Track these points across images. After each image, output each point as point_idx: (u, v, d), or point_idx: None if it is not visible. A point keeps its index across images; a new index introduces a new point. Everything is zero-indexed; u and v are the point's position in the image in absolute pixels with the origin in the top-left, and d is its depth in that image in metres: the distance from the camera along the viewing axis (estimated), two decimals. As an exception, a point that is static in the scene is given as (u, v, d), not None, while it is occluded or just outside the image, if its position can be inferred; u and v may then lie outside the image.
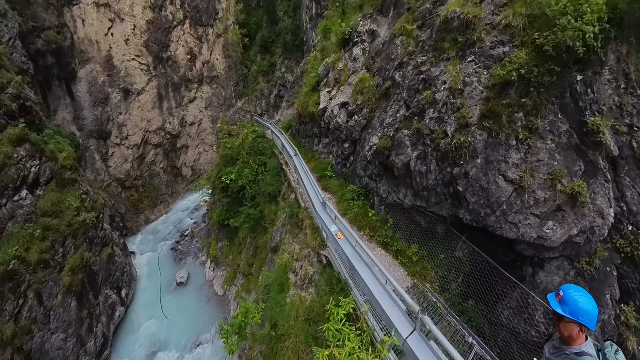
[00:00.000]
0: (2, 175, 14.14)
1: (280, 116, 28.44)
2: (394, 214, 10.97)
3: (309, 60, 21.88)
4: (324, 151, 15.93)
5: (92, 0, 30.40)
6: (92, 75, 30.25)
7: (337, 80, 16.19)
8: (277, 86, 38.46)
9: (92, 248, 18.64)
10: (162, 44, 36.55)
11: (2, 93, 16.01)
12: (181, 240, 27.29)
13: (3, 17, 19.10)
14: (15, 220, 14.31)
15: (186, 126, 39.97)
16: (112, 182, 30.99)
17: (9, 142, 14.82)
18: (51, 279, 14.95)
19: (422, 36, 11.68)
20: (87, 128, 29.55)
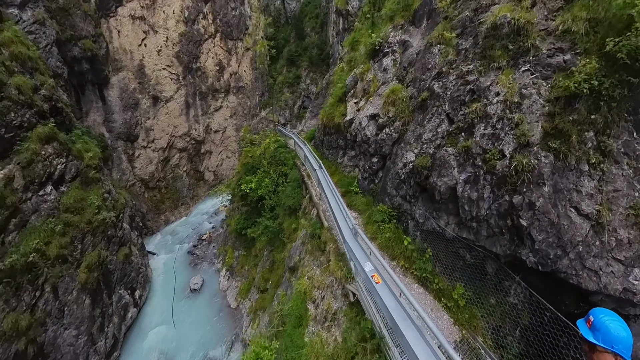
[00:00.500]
0: (29, 170, 13.84)
1: (304, 126, 27.13)
2: (433, 243, 9.12)
3: (336, 72, 20.53)
4: (349, 164, 14.29)
5: (129, 13, 30.68)
6: (124, 82, 30.25)
7: (365, 92, 14.61)
8: (301, 97, 37.45)
9: (110, 247, 17.95)
10: (192, 55, 36.42)
11: (35, 94, 15.77)
12: (198, 244, 26.16)
13: (42, 25, 19.26)
14: (39, 214, 13.94)
15: (211, 133, 39.46)
16: (137, 182, 30.71)
17: (38, 140, 14.56)
18: (68, 275, 14.44)
19: (463, 44, 9.90)
20: (116, 130, 29.48)
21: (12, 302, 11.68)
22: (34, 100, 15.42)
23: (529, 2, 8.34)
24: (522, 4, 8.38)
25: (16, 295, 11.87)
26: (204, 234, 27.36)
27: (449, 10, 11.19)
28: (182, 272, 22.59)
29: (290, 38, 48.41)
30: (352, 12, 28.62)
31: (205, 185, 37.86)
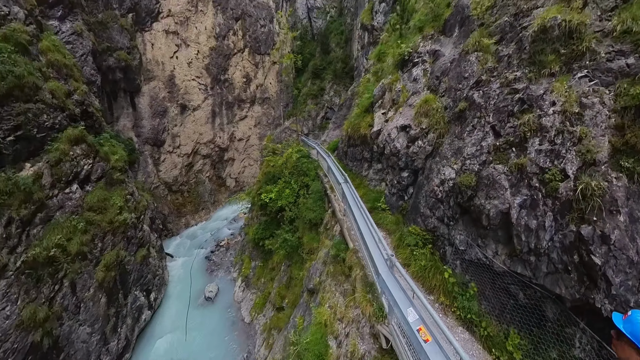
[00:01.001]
0: (57, 169, 14.01)
1: (326, 137, 26.22)
2: (476, 275, 7.68)
3: (361, 83, 19.59)
4: (375, 178, 13.07)
5: (163, 28, 31.55)
6: (155, 91, 30.81)
7: (394, 102, 13.48)
8: (324, 109, 36.83)
9: (129, 247, 17.72)
10: (221, 67, 36.88)
11: (68, 99, 16.17)
12: (216, 250, 25.37)
13: (79, 36, 20.05)
14: (63, 211, 13.99)
15: (235, 141, 39.44)
16: (161, 185, 30.87)
17: (68, 141, 14.77)
18: (86, 272, 14.32)
19: (504, 51, 8.73)
20: (144, 135, 29.92)
21: (32, 293, 11.68)
22: (67, 104, 15.83)
23: (580, 3, 7.28)
24: (572, 5, 7.36)
25: (36, 287, 11.87)
26: (222, 240, 26.67)
27: (485, 17, 10.22)
28: (198, 278, 21.83)
29: (316, 53, 48.57)
30: (377, 27, 28.03)
31: (227, 191, 37.59)
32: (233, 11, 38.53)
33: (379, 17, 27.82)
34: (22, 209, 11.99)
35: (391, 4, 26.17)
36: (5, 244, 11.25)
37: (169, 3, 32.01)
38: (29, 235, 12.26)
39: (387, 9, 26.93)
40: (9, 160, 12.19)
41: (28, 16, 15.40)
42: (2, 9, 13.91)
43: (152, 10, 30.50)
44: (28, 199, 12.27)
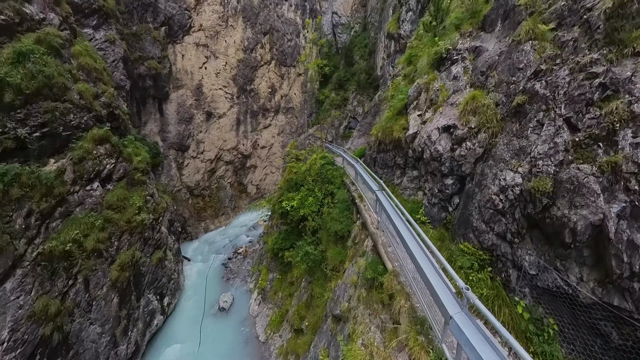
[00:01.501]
0: (80, 166, 13.91)
1: (351, 144, 24.68)
2: (552, 307, 5.74)
3: (391, 87, 18.01)
4: (410, 186, 11.25)
5: (194, 41, 31.78)
6: (182, 99, 30.77)
7: (432, 102, 11.77)
8: (347, 118, 35.54)
9: (145, 249, 16.91)
10: (247, 78, 36.77)
11: (95, 100, 16.00)
12: (234, 257, 23.92)
13: (111, 44, 20.43)
14: (83, 207, 13.79)
15: (258, 149, 38.75)
16: (183, 189, 30.39)
17: (92, 140, 14.64)
18: (101, 270, 13.81)
19: (566, 36, 7.35)
20: (170, 140, 29.76)
21: (46, 285, 11.43)
22: (94, 105, 15.63)
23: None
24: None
25: (51, 280, 11.63)
26: (240, 247, 25.26)
27: (537, 4, 8.89)
28: (213, 285, 20.46)
29: (340, 65, 48.28)
30: (403, 35, 26.96)
31: (247, 197, 36.67)
32: (262, 26, 38.77)
33: (406, 25, 26.74)
34: (43, 202, 11.86)
35: (418, 12, 25.28)
36: (24, 234, 11.07)
37: (201, 18, 32.46)
38: (47, 228, 12.07)
39: (414, 17, 25.96)
40: (34, 155, 12.15)
41: (63, 22, 15.52)
42: (39, 15, 13.99)
43: (185, 24, 30.97)
44: (49, 193, 12.12)
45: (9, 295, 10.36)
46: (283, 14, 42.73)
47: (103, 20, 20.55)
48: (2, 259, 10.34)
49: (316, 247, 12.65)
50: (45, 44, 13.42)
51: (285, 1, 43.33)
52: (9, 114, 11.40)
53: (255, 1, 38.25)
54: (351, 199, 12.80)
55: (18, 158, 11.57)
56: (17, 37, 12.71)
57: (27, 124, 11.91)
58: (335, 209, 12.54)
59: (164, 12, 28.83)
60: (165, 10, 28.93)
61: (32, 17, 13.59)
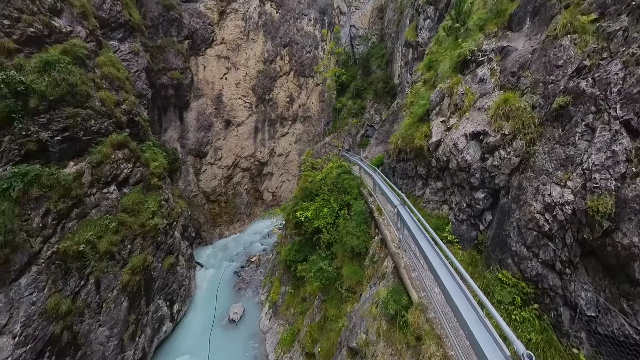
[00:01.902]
0: (98, 170, 14.11)
1: (368, 153, 23.58)
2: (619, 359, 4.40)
3: (410, 93, 16.95)
4: (434, 199, 10.05)
5: (216, 54, 32.14)
6: (202, 107, 30.96)
7: (457, 107, 10.62)
8: (364, 126, 34.54)
9: (157, 253, 16.58)
10: (266, 88, 36.83)
11: (116, 107, 16.30)
12: (246, 265, 23.07)
13: (135, 55, 21.01)
14: (99, 210, 13.87)
15: (274, 156, 38.37)
16: (199, 194, 30.24)
17: (111, 145, 14.91)
18: (112, 272, 13.69)
19: (612, 26, 6.32)
20: (188, 147, 29.87)
21: (59, 284, 11.49)
22: (114, 112, 15.93)
23: None
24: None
25: (64, 279, 11.69)
26: (254, 255, 24.43)
27: None
28: (224, 295, 19.68)
29: (357, 75, 48.00)
30: (421, 43, 26.13)
31: (263, 204, 36.15)
32: (281, 39, 39.06)
33: (424, 33, 25.93)
34: (60, 202, 12.01)
35: (436, 20, 24.48)
36: (40, 232, 11.20)
37: (223, 32, 32.95)
38: (63, 228, 12.17)
39: (431, 24, 25.17)
40: (54, 158, 12.42)
41: (89, 35, 16.00)
42: (67, 27, 14.53)
43: (208, 38, 31.51)
44: (67, 194, 12.29)
45: (23, 290, 10.46)
46: (302, 27, 42.99)
47: (128, 34, 21.08)
48: (19, 255, 10.50)
49: (331, 263, 11.50)
50: (71, 54, 13.86)
51: (305, 16, 43.70)
52: (33, 118, 11.72)
53: (276, 16, 38.69)
54: (369, 212, 11.68)
55: (39, 160, 11.82)
56: (45, 47, 13.14)
57: (49, 128, 12.24)
58: (352, 222, 11.43)
59: (188, 27, 29.44)
60: (189, 25, 29.56)
61: (60, 30, 14.08)
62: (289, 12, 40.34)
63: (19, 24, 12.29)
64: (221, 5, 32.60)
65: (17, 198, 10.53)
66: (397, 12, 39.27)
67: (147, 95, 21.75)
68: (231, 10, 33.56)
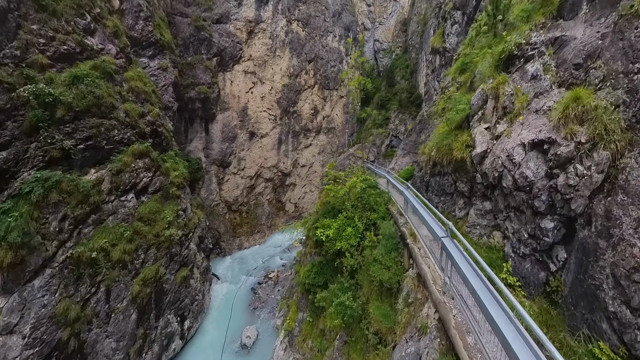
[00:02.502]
0: (117, 178, 14.02)
1: (395, 164, 21.50)
2: None
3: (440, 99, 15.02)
4: (481, 223, 7.97)
5: (243, 69, 32.24)
6: (228, 119, 30.83)
7: (505, 110, 8.63)
8: (389, 137, 32.56)
9: (170, 265, 15.83)
10: (291, 101, 36.35)
11: (140, 119, 16.25)
12: (264, 282, 21.53)
13: (164, 71, 21.32)
14: (116, 217, 13.67)
15: (298, 167, 37.25)
16: (221, 203, 29.63)
17: (132, 154, 14.90)
18: (123, 282, 13.19)
19: None
20: (212, 157, 29.58)
21: (70, 289, 11.27)
22: (138, 123, 16.00)
23: None
24: None
25: (75, 284, 11.47)
26: (272, 271, 22.85)
27: None
28: (239, 314, 18.18)
29: (381, 86, 46.73)
30: (449, 48, 24.27)
31: (285, 215, 34.88)
32: (307, 55, 38.83)
33: (451, 38, 24.05)
34: (78, 208, 11.97)
35: (464, 24, 22.64)
36: (56, 236, 11.13)
37: (251, 50, 33.17)
38: (80, 233, 12.08)
39: (459, 29, 23.36)
40: (77, 165, 12.55)
41: (119, 52, 16.27)
42: (98, 45, 14.97)
43: (236, 55, 31.78)
44: (85, 201, 12.25)
45: (36, 292, 10.29)
46: (327, 43, 42.65)
47: (158, 51, 21.52)
48: (34, 257, 10.39)
49: (354, 296, 9.45)
50: (100, 69, 14.13)
51: (330, 32, 43.50)
52: (59, 127, 11.92)
53: (302, 34, 38.63)
54: (400, 236, 9.68)
55: (63, 166, 11.96)
56: (76, 63, 13.44)
57: (73, 136, 12.38)
58: (380, 248, 9.44)
59: (217, 45, 29.88)
60: (218, 44, 30.00)
61: (92, 47, 14.44)
62: (314, 29, 40.15)
63: (54, 42, 12.59)
64: (250, 26, 32.94)
65: (37, 202, 10.57)
66: (421, 24, 38.16)
67: (173, 107, 21.84)
68: (259, 30, 33.80)
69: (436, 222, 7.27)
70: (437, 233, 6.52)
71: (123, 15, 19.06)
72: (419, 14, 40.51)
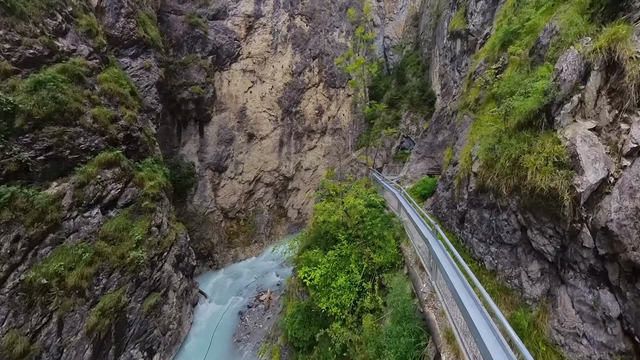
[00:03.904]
0: (80, 191, 11.76)
1: (407, 172, 16.52)
2: None
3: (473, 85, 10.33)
4: (594, 335, 3.54)
5: (241, 68, 28.28)
6: (224, 121, 26.93)
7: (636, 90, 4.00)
8: (400, 138, 27.80)
9: (136, 291, 12.61)
10: (293, 100, 32.05)
11: (111, 124, 13.55)
12: (254, 305, 17.48)
13: (147, 70, 18.18)
14: (77, 235, 11.37)
15: (301, 171, 32.92)
16: (216, 210, 25.77)
17: (98, 164, 12.52)
18: (79, 311, 10.71)
19: None
20: (207, 160, 25.76)
21: (20, 318, 9.41)
22: (109, 128, 13.29)
23: None
24: None
25: (26, 313, 9.61)
26: (265, 291, 18.72)
27: None
28: (220, 346, 14.30)
29: (391, 85, 41.90)
30: (472, 31, 19.33)
31: (287, 222, 30.71)
32: (311, 51, 34.37)
33: (476, 18, 19.00)
34: (33, 227, 10.19)
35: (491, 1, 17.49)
36: (8, 259, 9.46)
37: (250, 47, 29.14)
38: (35, 255, 10.23)
39: (486, 6, 18.23)
40: (37, 178, 10.84)
41: (93, 52, 13.89)
42: (70, 47, 13.01)
43: (233, 53, 27.85)
44: (41, 218, 10.42)
45: None
46: (334, 39, 38.00)
47: (142, 50, 18.19)
48: None
49: None
50: (69, 72, 12.23)
51: (337, 28, 38.81)
52: (17, 138, 10.35)
53: (306, 29, 34.19)
54: (422, 317, 5.14)
55: (22, 180, 10.30)
56: (44, 67, 11.63)
57: (32, 147, 10.68)
58: (389, 322, 5.03)
59: (213, 43, 26.04)
60: (214, 41, 26.16)
61: (63, 50, 12.53)
62: (319, 24, 35.61)
63: (20, 47, 10.94)
64: (249, 21, 28.89)
65: (-14, 222, 8.57)
66: (434, 16, 33.61)
67: (157, 109, 18.36)
68: (259, 25, 29.70)
69: (484, 316, 2.84)
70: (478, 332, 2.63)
71: (103, 13, 16.23)
72: (432, 6, 35.68)
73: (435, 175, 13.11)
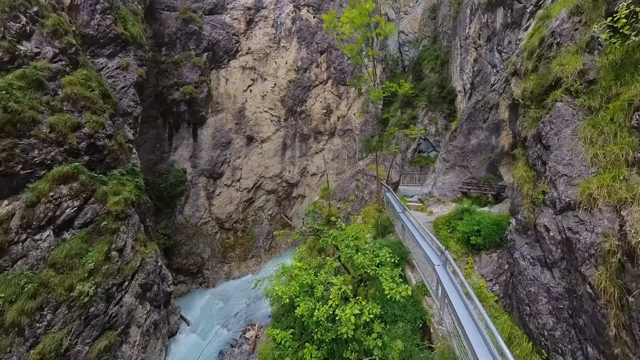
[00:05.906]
0: (29, 211, 10.28)
1: (433, 187, 12.14)
2: None
3: (557, 60, 6.54)
4: None
5: (240, 65, 25.78)
6: (221, 123, 24.51)
7: None
8: (416, 139, 24.06)
9: (84, 331, 10.21)
10: (298, 99, 29.01)
11: (72, 132, 11.79)
12: (237, 345, 14.45)
13: (124, 70, 16.02)
14: (25, 262, 9.93)
15: (307, 176, 29.94)
16: (211, 221, 23.32)
17: (52, 179, 10.88)
18: (17, 354, 9.01)
19: None
20: (200, 167, 23.49)
21: None
22: (68, 138, 11.72)
23: None
24: None
25: None
26: (253, 325, 15.58)
27: None
28: None
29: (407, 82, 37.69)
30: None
31: (291, 232, 27.80)
32: (318, 45, 31.15)
33: None
34: None
35: None
36: None
37: (250, 42, 26.46)
38: None
39: None
40: None
41: (59, 54, 12.54)
42: (33, 50, 11.87)
43: (231, 49, 25.33)
44: None
45: None
46: (344, 32, 34.38)
47: (120, 49, 16.14)
48: None
49: None
50: (27, 78, 11.09)
51: (347, 21, 35.10)
52: None
53: (312, 21, 30.96)
54: None
55: None
56: (2, 75, 10.59)
57: None
58: None
59: (208, 39, 23.65)
60: (209, 37, 23.76)
61: (26, 54, 11.53)
62: (328, 17, 32.25)
63: None
64: (249, 14, 26.15)
65: None
66: (454, 4, 30.26)
67: (134, 113, 16.06)
68: (260, 18, 26.89)
69: None
70: None
71: (77, 11, 14.69)
72: (451, -6, 32.37)
73: (471, 191, 9.17)
